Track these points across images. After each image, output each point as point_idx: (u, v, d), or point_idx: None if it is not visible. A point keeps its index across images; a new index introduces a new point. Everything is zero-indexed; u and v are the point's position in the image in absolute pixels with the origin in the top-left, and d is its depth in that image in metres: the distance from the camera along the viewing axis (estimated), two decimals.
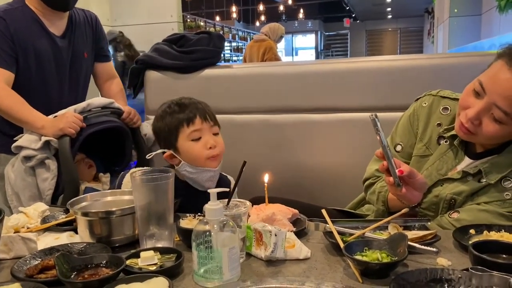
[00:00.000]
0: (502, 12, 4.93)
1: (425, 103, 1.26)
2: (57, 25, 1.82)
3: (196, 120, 1.32)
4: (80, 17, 1.91)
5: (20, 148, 1.61)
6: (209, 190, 0.86)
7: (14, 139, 1.64)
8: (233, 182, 1.44)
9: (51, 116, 1.66)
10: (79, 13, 1.92)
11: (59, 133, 1.58)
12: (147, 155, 1.42)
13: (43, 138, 1.58)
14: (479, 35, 6.46)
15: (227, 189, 0.94)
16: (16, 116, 1.66)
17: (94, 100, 1.75)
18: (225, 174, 1.46)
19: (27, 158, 1.58)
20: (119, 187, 1.37)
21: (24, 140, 1.61)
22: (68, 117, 1.60)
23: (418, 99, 1.31)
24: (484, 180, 1.10)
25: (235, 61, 13.65)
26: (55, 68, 1.82)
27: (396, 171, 1.01)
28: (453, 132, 1.17)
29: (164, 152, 1.37)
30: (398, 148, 1.28)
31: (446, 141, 1.19)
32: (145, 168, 1.27)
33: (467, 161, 1.16)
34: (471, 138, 1.10)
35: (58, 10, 1.79)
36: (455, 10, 6.72)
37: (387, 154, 1.01)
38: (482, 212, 1.07)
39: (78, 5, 1.88)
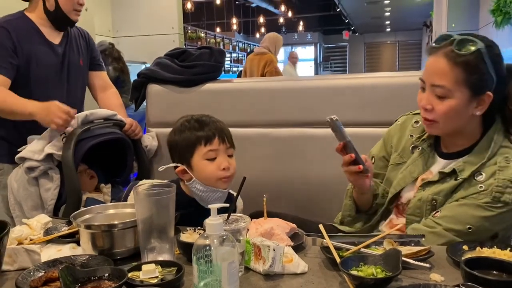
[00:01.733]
0: (499, 27, 5.01)
1: (399, 121, 1.41)
2: (54, 35, 1.92)
3: (215, 140, 1.32)
4: (74, 30, 2.02)
5: (24, 159, 1.64)
6: (209, 206, 0.88)
7: (18, 150, 1.68)
8: (241, 202, 1.47)
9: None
10: (73, 28, 2.02)
11: (48, 124, 1.61)
12: (160, 168, 1.39)
13: (46, 150, 1.61)
14: None
15: (227, 205, 0.97)
16: (6, 108, 1.71)
17: (98, 110, 1.79)
18: (232, 192, 1.45)
19: (30, 169, 1.61)
20: (125, 200, 1.39)
21: (28, 151, 1.64)
22: (57, 114, 1.59)
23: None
24: (459, 178, 1.17)
25: (235, 72, 13.74)
26: (54, 73, 1.90)
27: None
28: (424, 137, 1.29)
29: (176, 166, 1.36)
30: (372, 160, 1.42)
31: (418, 149, 1.30)
32: (150, 181, 1.30)
33: (441, 162, 1.25)
34: (435, 127, 1.19)
35: (59, 30, 1.92)
36: (453, 25, 6.80)
37: (353, 147, 1.18)
38: (461, 207, 1.14)
39: (80, 17, 1.98)
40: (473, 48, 1.09)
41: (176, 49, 2.10)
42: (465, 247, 1.04)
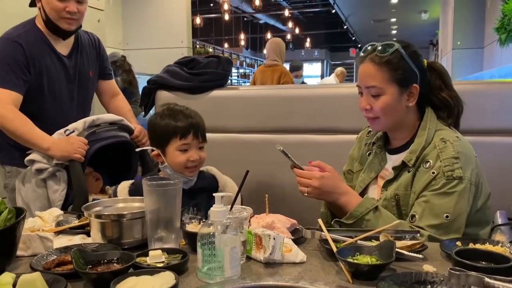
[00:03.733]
0: (503, 45, 5.07)
1: (358, 135, 1.58)
2: (63, 45, 1.91)
3: (189, 136, 1.47)
4: (85, 39, 2.02)
5: (33, 161, 1.69)
6: (214, 194, 0.94)
7: (27, 152, 1.73)
8: (231, 186, 1.59)
9: (59, 133, 1.73)
10: (84, 35, 2.02)
11: (67, 158, 1.65)
12: (137, 149, 1.64)
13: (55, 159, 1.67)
14: (481, 67, 6.60)
15: (231, 194, 1.02)
16: (23, 137, 1.72)
17: (104, 115, 1.84)
18: (212, 173, 1.62)
19: (39, 171, 1.67)
20: (115, 195, 1.52)
21: (37, 154, 1.70)
22: (74, 143, 1.66)
23: None
24: (411, 168, 1.28)
25: None
26: (65, 86, 1.92)
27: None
28: (373, 140, 1.44)
29: (153, 150, 1.53)
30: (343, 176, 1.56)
31: (372, 152, 1.44)
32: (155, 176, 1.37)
33: (392, 158, 1.38)
34: (377, 123, 1.33)
35: (58, 37, 1.89)
36: (458, 43, 6.89)
37: (301, 168, 1.33)
38: (428, 202, 1.22)
39: (91, 28, 2.00)
40: (391, 49, 1.27)
41: (185, 57, 2.17)
42: (458, 243, 1.07)
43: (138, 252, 1.04)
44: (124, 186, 1.56)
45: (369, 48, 1.32)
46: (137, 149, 1.69)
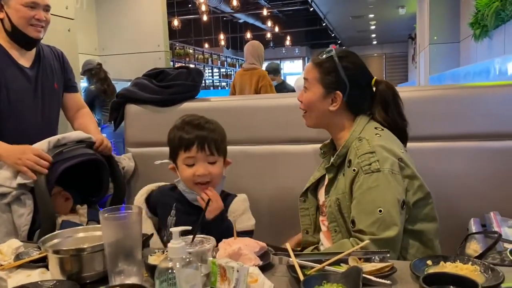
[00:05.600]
0: (477, 40, 5.12)
1: None
2: (25, 58, 1.89)
3: (193, 148, 1.41)
4: (47, 51, 1.99)
5: None
6: (171, 229, 0.90)
7: None
8: (240, 198, 1.54)
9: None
10: (45, 48, 2.00)
11: (16, 169, 1.60)
12: (155, 162, 1.54)
13: (19, 180, 1.60)
14: (458, 61, 6.67)
15: (189, 228, 0.98)
16: None
17: (71, 134, 1.78)
18: (234, 194, 1.55)
19: (3, 195, 1.60)
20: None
21: None
22: (26, 154, 1.60)
23: None
24: (343, 170, 1.34)
25: (224, 87, 13.81)
26: (29, 98, 1.87)
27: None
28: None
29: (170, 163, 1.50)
30: None
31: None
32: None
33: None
34: (306, 117, 1.45)
35: (25, 49, 1.88)
36: (435, 38, 6.95)
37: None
38: (359, 202, 1.26)
39: (62, 38, 1.95)
40: (327, 55, 1.39)
41: (154, 69, 2.12)
42: (429, 262, 1.05)
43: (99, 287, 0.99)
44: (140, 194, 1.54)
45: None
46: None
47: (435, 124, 1.69)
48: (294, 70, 19.28)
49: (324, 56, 1.39)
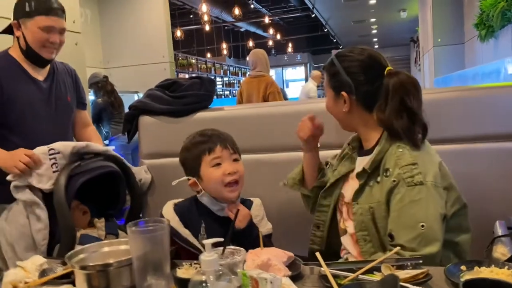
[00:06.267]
0: (483, 41, 5.11)
1: None
2: (39, 72, 1.92)
3: (217, 148, 1.44)
4: (60, 67, 2.03)
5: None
6: (204, 241, 0.88)
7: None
8: (257, 203, 1.56)
9: (43, 152, 1.66)
10: (59, 64, 2.03)
11: (7, 171, 1.60)
12: (173, 182, 1.50)
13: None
14: (463, 63, 6.66)
15: (221, 239, 0.96)
16: None
17: (93, 145, 1.78)
18: (249, 198, 1.57)
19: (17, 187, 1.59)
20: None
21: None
22: (15, 156, 1.60)
23: None
24: (378, 178, 1.27)
25: (227, 95, 13.85)
26: (43, 109, 1.89)
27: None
28: (349, 141, 1.49)
29: (188, 179, 1.48)
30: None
31: (345, 152, 1.48)
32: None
33: (359, 159, 1.40)
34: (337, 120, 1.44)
35: (36, 66, 1.90)
36: (439, 40, 6.95)
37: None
38: (399, 216, 1.20)
39: (69, 52, 1.98)
40: (328, 60, 1.40)
41: (167, 80, 2.11)
42: (463, 267, 1.03)
43: None
44: (168, 210, 1.51)
45: None
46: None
47: (456, 125, 1.67)
48: (296, 76, 19.33)
49: (327, 63, 1.41)
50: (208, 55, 14.83)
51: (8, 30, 1.92)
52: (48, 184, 1.62)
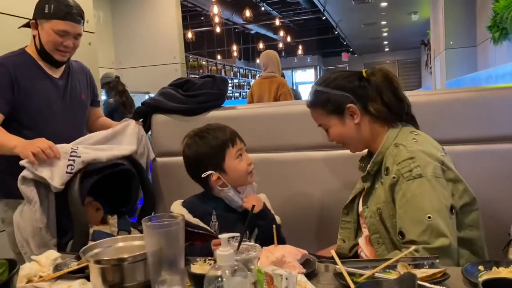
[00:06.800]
0: (497, 43, 5.06)
1: None
2: (54, 69, 1.94)
3: (237, 140, 1.50)
4: (75, 66, 2.05)
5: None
6: (220, 236, 0.88)
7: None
8: (263, 197, 1.59)
9: (64, 151, 1.69)
10: (73, 63, 2.06)
11: (25, 156, 1.61)
12: (202, 174, 1.48)
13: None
14: (475, 66, 6.59)
15: (237, 234, 0.96)
16: None
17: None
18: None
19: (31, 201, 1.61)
20: None
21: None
22: (35, 142, 1.62)
23: None
24: (382, 179, 1.29)
25: (237, 97, 13.87)
26: (59, 107, 1.92)
27: None
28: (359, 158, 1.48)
29: (209, 175, 1.47)
30: None
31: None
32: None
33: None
34: (349, 147, 1.44)
35: (51, 66, 1.92)
36: (451, 42, 6.89)
37: None
38: (405, 211, 1.20)
39: (83, 51, 2.00)
40: (311, 96, 1.41)
41: (180, 79, 2.13)
42: (480, 267, 1.01)
43: None
44: (176, 207, 1.52)
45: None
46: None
47: (470, 126, 1.65)
48: (306, 79, 19.30)
49: (309, 98, 1.43)
50: (219, 57, 14.88)
51: (29, 25, 1.94)
52: (56, 182, 1.62)
